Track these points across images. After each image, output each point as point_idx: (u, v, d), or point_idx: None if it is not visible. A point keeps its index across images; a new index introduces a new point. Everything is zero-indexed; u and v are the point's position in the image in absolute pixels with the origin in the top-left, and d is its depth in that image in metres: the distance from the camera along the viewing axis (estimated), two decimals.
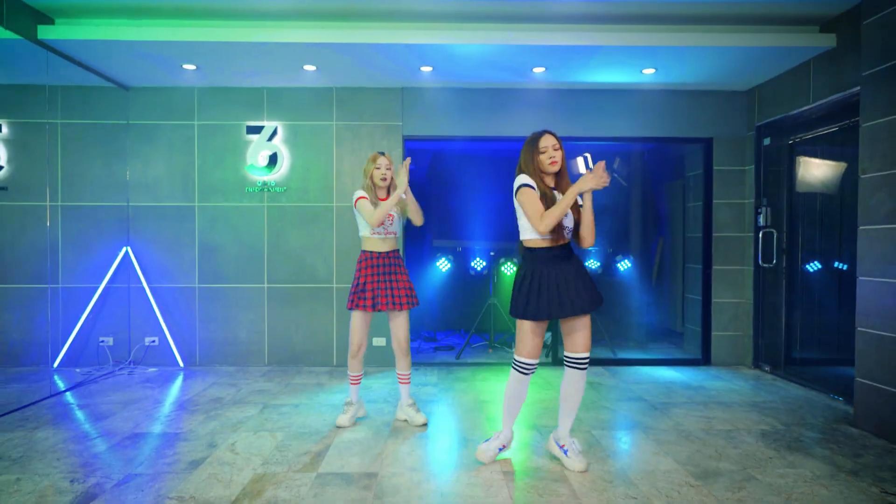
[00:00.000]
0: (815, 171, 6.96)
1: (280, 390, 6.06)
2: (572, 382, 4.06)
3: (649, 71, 6.51)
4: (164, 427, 4.90)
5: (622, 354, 7.65)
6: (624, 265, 8.38)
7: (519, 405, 4.17)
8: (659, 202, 8.84)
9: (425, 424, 4.98)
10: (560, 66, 6.37)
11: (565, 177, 4.11)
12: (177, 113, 7.13)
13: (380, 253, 4.91)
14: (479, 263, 8.50)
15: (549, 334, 7.45)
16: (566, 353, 4.08)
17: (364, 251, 4.95)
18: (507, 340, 8.33)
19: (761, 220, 6.91)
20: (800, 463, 4.20)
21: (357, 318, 4.89)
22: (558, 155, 4.01)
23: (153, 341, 7.11)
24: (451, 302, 8.99)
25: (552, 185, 4.08)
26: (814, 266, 7.08)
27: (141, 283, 7.05)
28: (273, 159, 7.11)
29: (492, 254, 8.26)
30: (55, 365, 7.00)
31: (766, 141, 6.94)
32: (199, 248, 7.13)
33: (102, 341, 7.10)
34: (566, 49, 5.89)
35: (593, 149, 8.06)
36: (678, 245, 8.34)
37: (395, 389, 6.10)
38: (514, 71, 6.56)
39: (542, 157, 4.02)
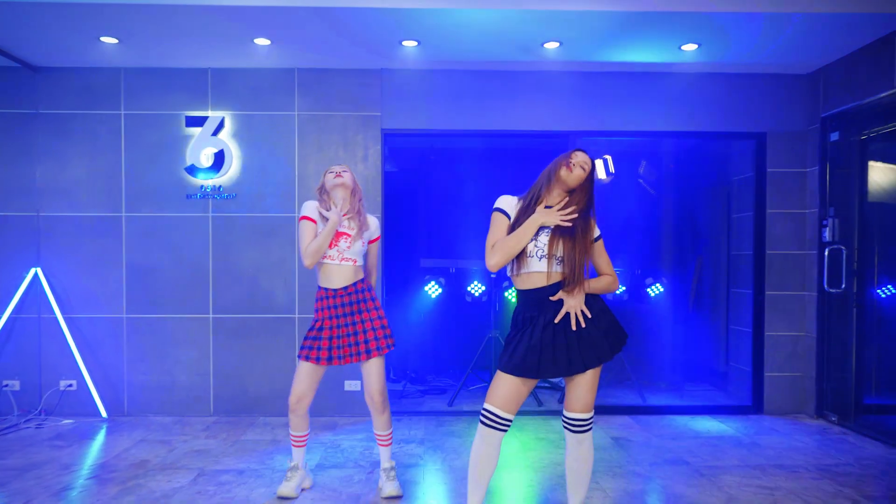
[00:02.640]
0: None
1: (224, 450, 5.49)
2: (571, 447, 3.72)
3: (690, 47, 6.00)
4: None
5: (653, 400, 7.10)
6: (655, 290, 7.82)
7: (486, 470, 3.66)
8: (697, 213, 8.29)
9: (394, 497, 4.43)
10: (578, 39, 5.86)
11: (578, 202, 3.75)
12: (99, 100, 6.59)
13: (336, 290, 4.37)
14: (476, 288, 7.90)
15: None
16: (563, 411, 3.72)
17: (319, 287, 4.44)
18: None
19: (827, 235, 6.39)
20: None
21: (304, 367, 4.35)
22: (577, 161, 3.74)
23: (70, 385, 6.54)
24: (443, 335, 8.43)
25: (558, 204, 3.76)
26: (889, 291, 6.56)
27: (54, 312, 6.48)
28: (219, 158, 6.57)
29: (493, 276, 7.70)
30: None
31: (834, 136, 6.42)
32: (128, 268, 6.57)
33: (6, 385, 6.52)
34: (586, 16, 5.37)
35: (618, 147, 7.55)
36: (721, 265, 7.81)
37: (369, 448, 5.54)
38: (520, 47, 6.05)
39: (567, 167, 3.73)
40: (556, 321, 3.52)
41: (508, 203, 3.75)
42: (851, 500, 4.43)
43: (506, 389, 3.56)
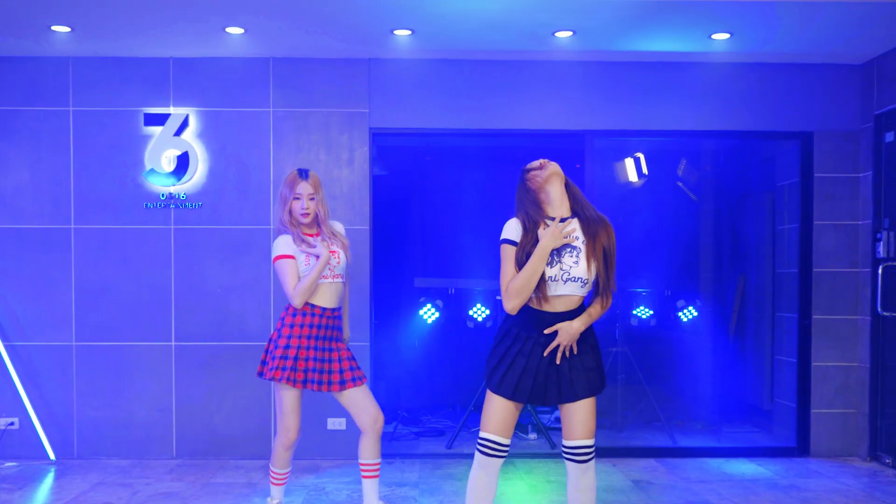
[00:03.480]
0: None
1: (194, 492, 6.43)
2: (573, 479, 4.52)
3: (721, 36, 6.94)
4: None
5: (684, 442, 8.07)
6: (687, 314, 8.75)
7: (487, 500, 4.55)
8: (738, 223, 9.23)
9: None
10: (594, 28, 6.79)
11: (583, 202, 4.59)
12: (44, 95, 7.52)
13: (324, 309, 5.26)
14: (480, 312, 8.86)
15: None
16: (563, 442, 4.55)
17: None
18: (520, 421, 8.62)
19: (881, 250, 7.30)
20: None
21: (289, 395, 5.25)
22: (545, 171, 4.51)
23: (11, 424, 7.46)
24: (440, 367, 9.28)
25: (564, 212, 4.52)
26: None
27: None
28: (183, 162, 7.50)
29: (498, 297, 8.58)
30: None
31: (889, 136, 7.34)
32: (78, 289, 7.50)
33: None
34: (603, 4, 6.24)
35: (642, 147, 8.47)
36: (766, 285, 8.77)
37: (357, 491, 6.41)
38: (528, 36, 6.99)
39: (533, 174, 4.56)
40: (544, 353, 4.40)
41: (515, 230, 4.53)
42: None
43: (502, 414, 4.45)
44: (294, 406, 5.25)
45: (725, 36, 6.92)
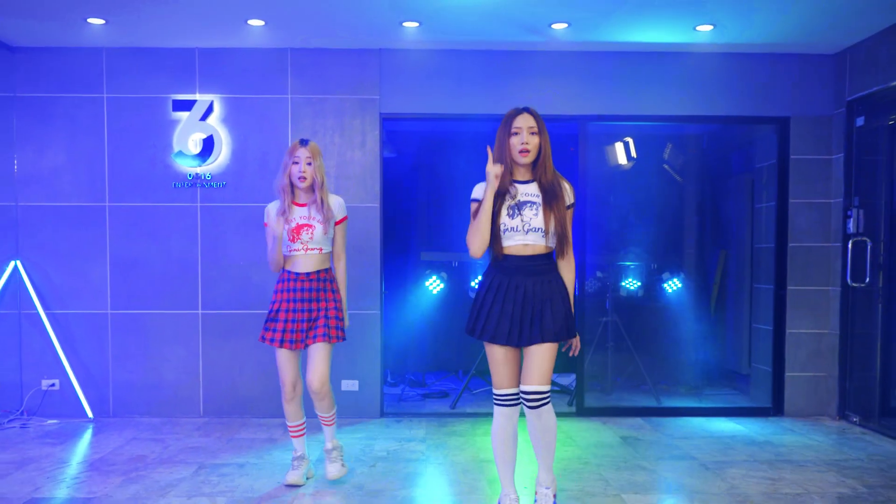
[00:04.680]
0: None
1: (220, 447, 6.67)
2: (530, 422, 4.67)
3: (705, 28, 7.14)
4: (71, 491, 5.53)
5: (669, 403, 8.33)
6: (672, 286, 9.01)
7: (509, 449, 4.79)
8: (720, 203, 9.48)
9: (333, 480, 5.78)
10: (587, 20, 6.98)
11: (547, 170, 4.68)
12: (80, 82, 7.74)
13: (298, 274, 5.54)
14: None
15: (573, 377, 8.04)
16: (520, 387, 4.67)
17: (283, 269, 5.64)
18: None
19: (851, 226, 7.52)
20: None
21: (278, 354, 5.57)
22: (533, 142, 4.62)
23: (52, 385, 7.71)
24: (444, 334, 9.55)
25: (527, 177, 4.71)
26: None
27: (35, 308, 7.65)
28: (208, 144, 7.73)
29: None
30: None
31: (860, 121, 7.54)
32: (112, 262, 7.74)
33: None
34: None
35: (633, 131, 8.67)
36: (744, 259, 8.98)
37: (370, 446, 6.72)
38: (527, 28, 7.19)
39: (513, 139, 4.65)
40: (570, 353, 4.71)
41: (479, 190, 4.75)
42: (851, 489, 5.61)
43: (501, 368, 4.67)
44: (283, 364, 5.56)
45: (709, 27, 7.10)
